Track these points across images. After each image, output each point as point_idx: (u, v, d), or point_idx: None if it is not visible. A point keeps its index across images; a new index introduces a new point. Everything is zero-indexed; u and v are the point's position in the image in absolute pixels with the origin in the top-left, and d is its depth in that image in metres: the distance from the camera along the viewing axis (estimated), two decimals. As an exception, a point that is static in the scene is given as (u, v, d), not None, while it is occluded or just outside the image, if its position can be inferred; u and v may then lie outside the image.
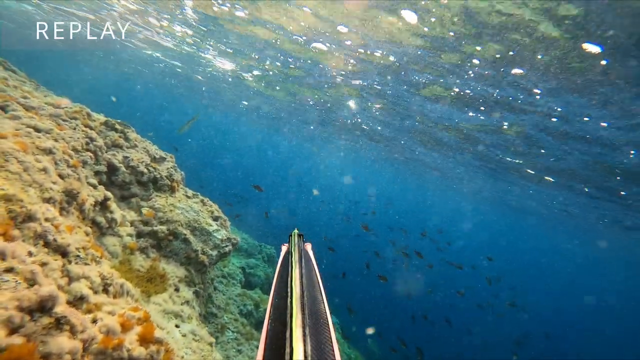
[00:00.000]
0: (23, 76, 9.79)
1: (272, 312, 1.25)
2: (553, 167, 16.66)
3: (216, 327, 9.58)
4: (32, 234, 3.58)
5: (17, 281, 2.32)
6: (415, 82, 12.41)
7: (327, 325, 1.17)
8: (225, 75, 23.97)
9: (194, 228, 7.73)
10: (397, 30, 8.97)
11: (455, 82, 11.09)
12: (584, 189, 18.16)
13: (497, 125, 13.78)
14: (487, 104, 11.89)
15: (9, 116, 5.75)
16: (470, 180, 28.79)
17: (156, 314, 5.69)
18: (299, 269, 1.46)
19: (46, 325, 2.28)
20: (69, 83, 50.81)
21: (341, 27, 9.99)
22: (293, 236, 1.86)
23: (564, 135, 12.34)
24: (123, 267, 5.99)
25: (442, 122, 16.18)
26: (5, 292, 2.21)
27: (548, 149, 14.34)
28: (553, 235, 44.00)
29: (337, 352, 1.02)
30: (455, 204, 56.13)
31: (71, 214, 4.92)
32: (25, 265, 2.56)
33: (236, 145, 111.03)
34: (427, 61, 10.33)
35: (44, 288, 2.39)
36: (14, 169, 4.13)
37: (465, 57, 9.21)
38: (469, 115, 13.75)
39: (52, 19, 22.09)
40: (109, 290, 4.12)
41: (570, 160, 14.69)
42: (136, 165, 7.65)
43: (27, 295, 2.25)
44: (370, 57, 11.56)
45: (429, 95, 13.18)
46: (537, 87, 9.46)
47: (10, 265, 2.38)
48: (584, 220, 26.21)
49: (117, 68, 40.37)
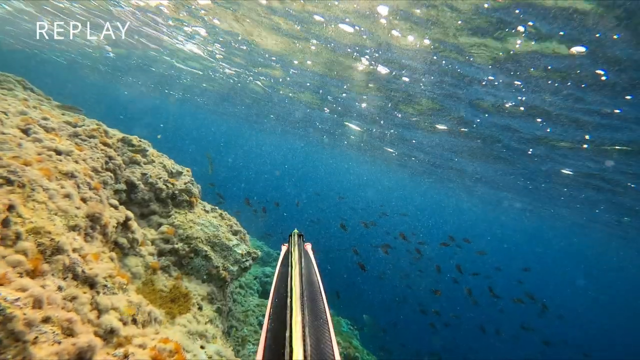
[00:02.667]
0: (40, 94, 9.86)
1: (272, 312, 1.26)
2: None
3: (237, 340, 9.51)
4: (61, 266, 3.51)
5: (54, 332, 2.23)
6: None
7: (326, 325, 1.17)
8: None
9: (214, 244, 7.66)
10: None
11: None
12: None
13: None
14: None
15: (31, 139, 5.74)
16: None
17: (182, 335, 5.61)
18: (298, 268, 1.47)
19: (85, 378, 2.19)
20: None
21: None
22: (293, 236, 1.86)
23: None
24: (146, 288, 5.93)
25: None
26: (43, 345, 2.12)
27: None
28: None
29: (337, 352, 1.02)
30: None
31: (95, 239, 4.86)
32: (62, 312, 2.48)
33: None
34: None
35: (81, 338, 2.31)
36: (40, 198, 4.08)
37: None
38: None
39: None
40: (137, 320, 4.05)
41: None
42: (155, 182, 7.61)
43: (66, 348, 2.16)
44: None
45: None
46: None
47: (46, 314, 2.29)
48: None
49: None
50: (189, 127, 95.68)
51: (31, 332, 2.13)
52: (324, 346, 1.02)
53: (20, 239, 3.29)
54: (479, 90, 11.57)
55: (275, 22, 11.86)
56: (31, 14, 21.99)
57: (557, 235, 47.31)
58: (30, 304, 2.25)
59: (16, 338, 2.05)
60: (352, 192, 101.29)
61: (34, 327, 2.16)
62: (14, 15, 23.48)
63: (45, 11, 20.04)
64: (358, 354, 13.57)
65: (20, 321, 2.07)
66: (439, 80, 11.87)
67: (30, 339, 2.09)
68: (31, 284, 2.40)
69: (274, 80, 20.12)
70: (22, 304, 2.18)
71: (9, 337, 2.03)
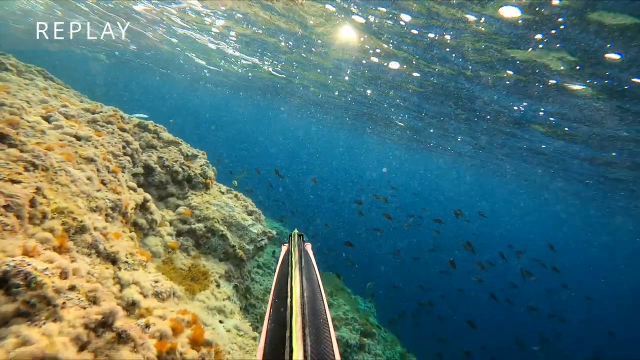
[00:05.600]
0: (60, 83, 10.18)
1: (272, 312, 1.26)
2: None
3: (255, 317, 9.85)
4: (84, 244, 3.76)
5: (80, 299, 2.44)
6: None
7: (327, 325, 1.16)
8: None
9: (230, 224, 7.90)
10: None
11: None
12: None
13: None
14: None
15: (52, 126, 6.00)
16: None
17: (201, 311, 5.89)
18: (299, 269, 1.46)
19: (109, 340, 2.40)
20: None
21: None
22: (293, 236, 1.87)
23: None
24: (167, 266, 6.22)
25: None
26: (70, 309, 2.34)
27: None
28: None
29: (337, 352, 1.02)
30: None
31: (116, 220, 5.12)
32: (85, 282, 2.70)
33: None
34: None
35: (105, 304, 2.52)
36: (62, 181, 4.32)
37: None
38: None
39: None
40: (157, 294, 4.29)
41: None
42: (171, 165, 7.86)
43: (91, 312, 2.37)
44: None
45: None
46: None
47: (72, 283, 2.51)
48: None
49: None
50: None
51: (60, 297, 2.34)
52: (324, 346, 1.02)
53: (46, 218, 3.53)
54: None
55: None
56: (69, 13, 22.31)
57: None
58: (58, 274, 2.46)
59: (48, 302, 2.27)
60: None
61: (62, 293, 2.38)
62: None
63: (81, 10, 20.30)
64: (375, 331, 13.87)
65: (50, 288, 2.28)
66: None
67: (59, 303, 2.31)
68: (57, 257, 2.61)
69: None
70: (50, 273, 2.39)
71: (42, 301, 2.25)
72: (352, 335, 12.55)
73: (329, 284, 16.87)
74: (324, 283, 1.52)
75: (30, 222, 3.31)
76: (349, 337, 12.30)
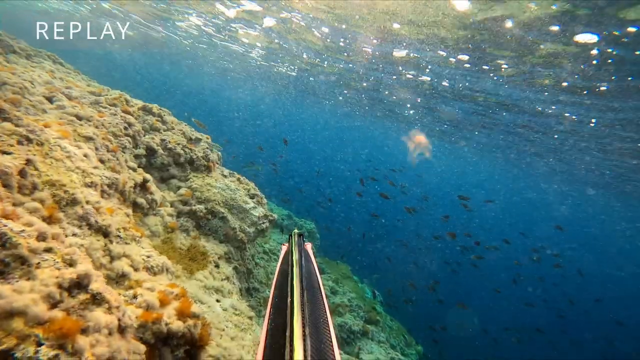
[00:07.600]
0: (69, 68, 10.34)
1: (273, 311, 1.27)
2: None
3: (258, 301, 9.96)
4: (75, 216, 3.82)
5: (55, 260, 2.49)
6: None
7: (327, 324, 1.18)
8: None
9: (231, 206, 7.95)
10: None
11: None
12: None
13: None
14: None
15: (54, 106, 6.11)
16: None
17: (198, 289, 5.98)
18: (299, 268, 1.48)
19: (83, 300, 2.44)
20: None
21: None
22: (293, 236, 1.88)
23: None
24: (165, 245, 6.30)
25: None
26: (45, 270, 2.39)
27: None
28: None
29: (337, 351, 1.03)
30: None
31: (112, 197, 5.20)
32: (64, 245, 2.75)
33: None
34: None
35: (80, 266, 2.56)
36: (57, 156, 4.39)
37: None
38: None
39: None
40: (149, 268, 4.36)
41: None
42: (173, 147, 7.93)
43: (65, 272, 2.41)
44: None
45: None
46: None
47: (49, 245, 2.56)
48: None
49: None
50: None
51: (35, 257, 2.39)
52: (324, 346, 1.03)
53: (37, 189, 3.60)
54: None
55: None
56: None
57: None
58: (35, 236, 2.52)
59: (22, 262, 2.32)
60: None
61: (37, 254, 2.43)
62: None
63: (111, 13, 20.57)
64: (379, 319, 13.89)
65: (25, 248, 2.33)
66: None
67: (34, 262, 2.36)
68: (37, 221, 2.67)
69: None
70: (27, 235, 2.44)
71: (16, 261, 2.30)
72: (355, 321, 12.59)
73: (336, 272, 16.96)
74: (323, 283, 1.54)
75: (20, 192, 3.37)
76: (352, 324, 12.35)
